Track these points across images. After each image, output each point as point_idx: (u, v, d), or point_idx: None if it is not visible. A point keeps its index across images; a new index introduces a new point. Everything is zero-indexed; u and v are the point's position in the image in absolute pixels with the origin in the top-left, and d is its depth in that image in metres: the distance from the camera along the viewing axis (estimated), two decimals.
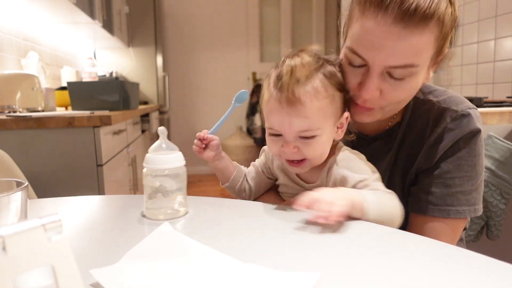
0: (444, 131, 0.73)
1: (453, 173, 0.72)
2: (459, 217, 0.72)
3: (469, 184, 0.73)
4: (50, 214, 0.30)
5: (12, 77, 1.66)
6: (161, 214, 0.64)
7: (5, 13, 1.90)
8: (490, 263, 0.45)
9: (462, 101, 0.76)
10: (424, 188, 0.74)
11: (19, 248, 0.28)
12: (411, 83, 0.68)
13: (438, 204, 0.73)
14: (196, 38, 4.40)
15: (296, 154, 0.68)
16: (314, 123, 0.66)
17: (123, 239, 0.57)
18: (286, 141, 0.68)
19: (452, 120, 0.73)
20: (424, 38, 0.63)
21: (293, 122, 0.65)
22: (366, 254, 0.49)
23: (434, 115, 0.75)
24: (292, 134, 0.67)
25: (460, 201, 0.72)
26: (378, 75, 0.66)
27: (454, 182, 0.72)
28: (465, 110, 0.73)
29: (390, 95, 0.68)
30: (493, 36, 2.32)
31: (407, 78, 0.66)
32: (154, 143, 0.67)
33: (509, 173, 1.32)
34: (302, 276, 0.41)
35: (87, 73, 2.69)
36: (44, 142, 1.38)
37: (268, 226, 0.60)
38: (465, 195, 0.73)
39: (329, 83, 0.67)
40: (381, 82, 0.67)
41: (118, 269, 0.44)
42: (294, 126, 0.66)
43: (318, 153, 0.69)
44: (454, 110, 0.73)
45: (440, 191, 0.73)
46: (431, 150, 0.74)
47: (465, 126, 0.72)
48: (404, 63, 0.64)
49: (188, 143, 3.96)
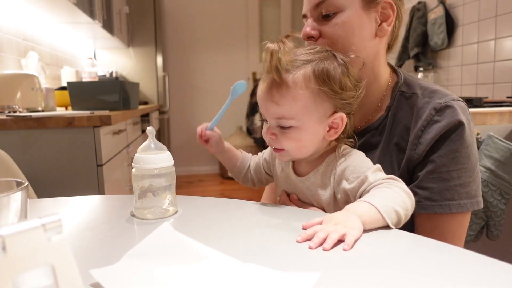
0: (430, 123, 0.73)
1: (448, 166, 0.72)
2: (461, 211, 0.72)
3: (466, 175, 0.72)
4: (50, 214, 0.30)
5: (12, 77, 1.66)
6: (150, 214, 0.65)
7: (5, 13, 1.90)
8: (490, 263, 0.46)
9: (446, 93, 0.76)
10: (421, 185, 0.74)
11: (19, 248, 0.28)
12: (339, 19, 0.73)
13: (437, 199, 0.72)
14: (196, 38, 4.40)
15: (274, 141, 0.70)
16: (287, 112, 0.66)
17: (124, 239, 0.57)
18: (268, 126, 0.70)
19: (436, 112, 0.73)
20: None
21: (268, 107, 0.68)
22: (366, 254, 0.49)
23: (418, 107, 0.76)
24: (271, 120, 0.69)
25: (460, 194, 0.72)
26: (312, 18, 0.76)
27: (451, 175, 0.72)
28: (449, 102, 0.73)
29: (325, 34, 0.75)
30: (493, 36, 2.32)
31: (337, 13, 0.73)
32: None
33: (509, 173, 1.32)
34: (302, 276, 0.41)
35: (87, 73, 2.69)
36: (44, 142, 1.38)
37: (265, 226, 0.60)
38: (464, 188, 0.72)
39: (316, 78, 0.65)
40: (316, 24, 0.76)
41: (118, 269, 0.44)
42: (270, 112, 0.68)
43: (294, 145, 0.68)
44: (437, 103, 0.74)
45: (437, 186, 0.72)
46: (419, 142, 0.74)
47: (451, 117, 0.72)
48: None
49: (188, 143, 3.98)
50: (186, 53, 4.41)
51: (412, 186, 0.75)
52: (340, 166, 0.68)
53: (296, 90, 0.65)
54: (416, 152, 0.74)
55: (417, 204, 0.73)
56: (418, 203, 0.73)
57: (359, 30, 0.74)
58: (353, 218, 0.55)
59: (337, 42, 0.74)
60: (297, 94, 0.65)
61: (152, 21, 3.74)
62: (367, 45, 0.76)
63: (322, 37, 0.76)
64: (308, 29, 0.77)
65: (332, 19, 0.74)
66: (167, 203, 0.66)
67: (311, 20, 0.77)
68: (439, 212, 0.72)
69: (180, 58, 4.39)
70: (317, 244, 0.50)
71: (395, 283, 0.42)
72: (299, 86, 0.65)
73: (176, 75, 4.36)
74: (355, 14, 0.73)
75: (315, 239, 0.51)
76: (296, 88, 0.65)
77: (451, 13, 2.67)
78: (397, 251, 0.50)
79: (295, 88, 0.65)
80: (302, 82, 0.65)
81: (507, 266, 0.44)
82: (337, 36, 0.74)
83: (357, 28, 0.74)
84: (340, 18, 0.73)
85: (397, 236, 0.56)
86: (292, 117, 0.66)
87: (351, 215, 0.55)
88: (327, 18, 0.74)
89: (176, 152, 4.18)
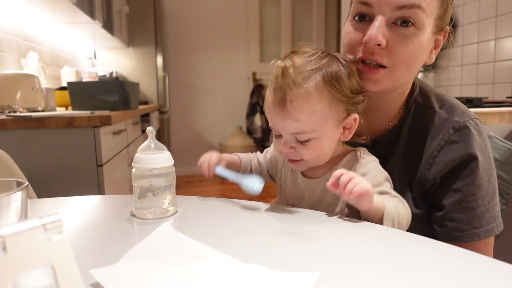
0: (447, 143, 0.71)
1: (476, 194, 0.70)
2: (490, 236, 0.71)
3: (489, 199, 0.72)
4: (50, 214, 0.30)
5: (12, 77, 1.66)
6: (150, 214, 0.65)
7: (5, 13, 1.90)
8: (490, 263, 0.46)
9: (464, 111, 0.74)
10: (449, 216, 0.72)
11: (19, 248, 0.28)
12: (417, 39, 0.66)
13: (465, 229, 0.71)
14: (196, 38, 4.40)
15: (293, 154, 0.69)
16: (307, 126, 0.65)
17: (124, 239, 0.57)
18: (284, 141, 0.69)
19: (455, 131, 0.71)
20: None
21: (285, 124, 0.66)
22: (366, 254, 0.49)
23: (435, 124, 0.74)
24: (288, 135, 0.67)
25: (486, 220, 0.71)
26: (384, 19, 0.65)
27: (477, 203, 0.70)
28: (468, 121, 0.72)
29: (396, 48, 0.66)
30: (493, 36, 2.32)
31: (413, 31, 0.65)
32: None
33: (509, 173, 1.32)
34: (302, 276, 0.41)
35: (87, 73, 2.69)
36: (44, 142, 1.38)
37: (266, 226, 0.60)
38: (488, 212, 0.71)
39: (327, 86, 0.65)
40: (386, 31, 0.66)
41: (118, 269, 0.44)
42: (287, 129, 0.66)
43: (314, 155, 0.68)
44: (456, 121, 0.72)
45: (466, 216, 0.71)
46: (434, 162, 0.72)
47: (471, 139, 0.70)
48: (411, 2, 0.63)
49: (188, 143, 3.97)
50: (186, 53, 4.40)
51: (440, 219, 0.73)
52: (360, 170, 0.68)
53: (312, 103, 0.64)
54: (430, 173, 0.72)
55: (447, 235, 0.72)
56: (447, 234, 0.72)
57: (424, 56, 0.70)
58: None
59: (403, 63, 0.67)
60: (314, 107, 0.64)
61: (152, 21, 3.74)
62: (418, 70, 0.73)
63: (387, 49, 0.66)
64: (380, 36, 0.65)
65: (407, 30, 0.65)
66: (167, 203, 0.66)
67: (383, 22, 0.65)
68: (468, 242, 0.71)
69: (180, 58, 4.38)
70: (346, 182, 0.57)
71: (395, 283, 0.42)
72: (314, 99, 0.64)
73: (176, 75, 4.36)
74: (428, 36, 0.68)
75: (346, 179, 0.57)
76: (312, 101, 0.64)
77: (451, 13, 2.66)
78: (397, 251, 0.50)
79: (311, 101, 0.64)
80: (316, 94, 0.64)
81: (507, 266, 0.44)
82: (407, 57, 0.67)
83: (424, 54, 0.70)
84: (417, 36, 0.66)
85: (397, 236, 0.56)
86: (312, 130, 0.66)
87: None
88: (403, 26, 0.65)
89: (176, 152, 4.18)
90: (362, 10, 0.68)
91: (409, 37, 0.66)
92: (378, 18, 0.65)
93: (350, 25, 0.71)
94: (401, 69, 0.68)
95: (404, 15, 0.65)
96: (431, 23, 0.68)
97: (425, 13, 0.65)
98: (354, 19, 0.70)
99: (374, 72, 0.68)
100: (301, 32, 4.67)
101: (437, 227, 0.74)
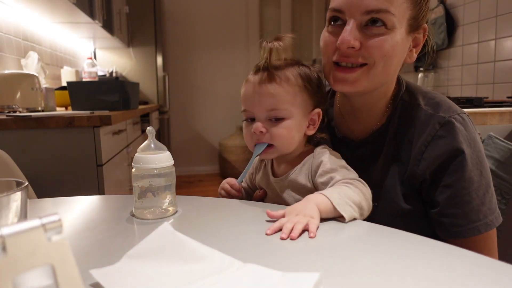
0: (434, 138, 0.72)
1: (468, 188, 0.71)
2: (490, 229, 0.71)
3: (485, 192, 0.72)
4: (50, 214, 0.30)
5: (12, 77, 1.66)
6: (150, 214, 0.65)
7: (5, 13, 1.90)
8: (490, 263, 0.46)
9: (450, 106, 0.74)
10: (444, 212, 0.72)
11: (19, 248, 0.28)
12: (389, 37, 0.68)
13: (463, 224, 0.71)
14: (196, 38, 4.40)
15: (264, 137, 0.71)
16: (281, 103, 0.70)
17: (124, 239, 0.57)
18: (257, 122, 0.72)
19: (441, 126, 0.72)
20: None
21: (262, 100, 0.70)
22: (366, 254, 0.49)
23: (421, 120, 0.74)
24: (263, 114, 0.71)
25: (484, 213, 0.71)
26: (355, 23, 0.68)
27: (471, 197, 0.71)
28: (453, 116, 0.72)
29: (370, 46, 0.68)
30: (493, 36, 2.32)
31: (384, 30, 0.68)
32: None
33: (509, 173, 1.32)
34: (302, 276, 0.41)
35: (87, 73, 2.69)
36: (44, 142, 1.38)
37: (266, 226, 0.60)
38: (485, 205, 0.71)
39: (301, 76, 0.72)
40: (358, 33, 0.69)
41: (118, 269, 0.44)
42: (264, 104, 0.71)
43: (285, 138, 0.71)
44: (442, 117, 0.72)
45: (462, 211, 0.71)
46: (422, 157, 0.72)
47: (457, 133, 0.71)
48: (378, 7, 0.66)
49: (188, 142, 3.97)
50: (186, 53, 4.40)
51: (436, 216, 0.73)
52: (314, 161, 0.72)
53: (289, 83, 0.71)
54: (419, 168, 0.73)
55: (446, 232, 0.73)
56: (446, 231, 0.73)
57: (401, 54, 0.72)
58: (311, 206, 0.60)
59: (381, 60, 0.69)
60: (289, 88, 0.71)
61: (152, 21, 3.74)
62: (397, 69, 0.75)
63: (362, 49, 0.69)
64: (352, 40, 0.68)
65: (378, 29, 0.68)
66: (167, 203, 0.66)
67: (354, 26, 0.68)
68: (468, 236, 0.71)
69: (180, 58, 4.38)
70: (287, 234, 0.54)
71: (396, 283, 0.42)
72: (291, 81, 0.71)
73: (176, 75, 4.36)
74: (402, 36, 0.70)
75: (285, 230, 0.55)
76: (289, 82, 0.71)
77: (451, 13, 2.66)
78: (397, 251, 0.50)
79: (289, 82, 0.71)
80: (294, 79, 0.72)
81: (507, 266, 0.44)
82: (383, 53, 0.69)
83: (400, 52, 0.72)
84: (389, 35, 0.68)
85: (397, 236, 0.56)
86: (285, 108, 0.70)
87: (309, 203, 0.61)
88: (375, 26, 0.68)
89: (176, 152, 4.18)
90: (336, 15, 0.72)
91: (382, 35, 0.69)
92: (349, 22, 0.69)
93: (326, 30, 0.75)
94: (378, 66, 0.70)
95: (373, 17, 0.68)
96: (404, 23, 0.70)
97: (394, 16, 0.68)
98: (330, 24, 0.74)
99: (350, 71, 0.71)
100: (301, 32, 4.67)
101: (436, 225, 0.74)
